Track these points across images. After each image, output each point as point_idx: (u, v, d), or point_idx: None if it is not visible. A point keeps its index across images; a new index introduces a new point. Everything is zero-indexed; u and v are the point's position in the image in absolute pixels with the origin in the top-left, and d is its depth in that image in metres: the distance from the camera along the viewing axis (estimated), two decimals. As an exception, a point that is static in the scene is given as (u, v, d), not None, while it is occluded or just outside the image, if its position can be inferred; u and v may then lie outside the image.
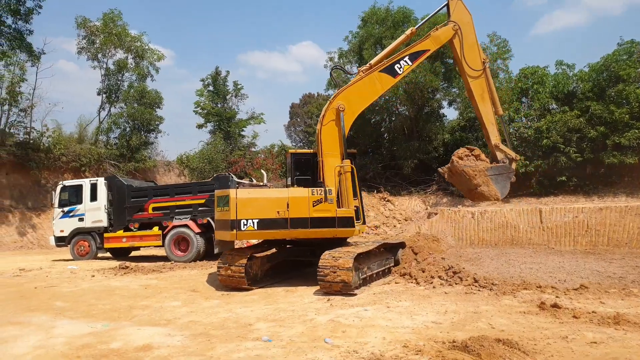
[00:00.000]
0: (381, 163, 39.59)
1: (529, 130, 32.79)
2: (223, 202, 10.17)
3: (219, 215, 10.57)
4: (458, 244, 24.02)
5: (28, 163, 28.31)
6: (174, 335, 6.90)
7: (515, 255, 17.95)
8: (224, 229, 10.24)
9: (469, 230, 25.27)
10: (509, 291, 8.98)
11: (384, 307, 8.09)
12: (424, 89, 34.71)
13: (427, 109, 38.10)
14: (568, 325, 6.69)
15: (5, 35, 26.76)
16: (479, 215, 26.32)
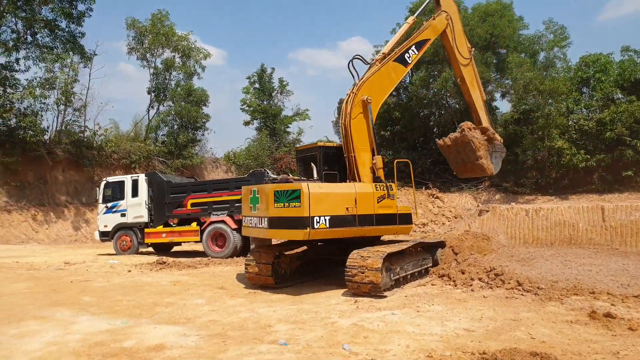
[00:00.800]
0: (430, 158, 38.50)
1: (589, 122, 30.94)
2: (289, 198, 9.23)
3: (280, 212, 9.12)
4: (510, 243, 22.86)
5: (82, 160, 29.28)
6: (189, 335, 6.61)
7: (573, 256, 16.77)
8: (290, 227, 9.04)
9: (523, 229, 24.05)
10: (557, 297, 8.17)
11: (413, 311, 7.50)
12: (474, 81, 33.33)
13: (480, 101, 36.67)
14: (622, 339, 5.89)
15: (59, 38, 27.70)
16: (534, 213, 25.01)
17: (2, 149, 26.08)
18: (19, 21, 26.53)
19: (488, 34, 33.84)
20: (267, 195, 9.29)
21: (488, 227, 25.34)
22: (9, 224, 25.03)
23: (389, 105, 40.36)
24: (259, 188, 9.87)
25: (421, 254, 10.73)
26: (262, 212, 9.53)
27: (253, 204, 9.87)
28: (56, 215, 27.42)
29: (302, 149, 11.59)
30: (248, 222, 10.21)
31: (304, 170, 10.78)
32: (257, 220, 9.71)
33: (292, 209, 8.85)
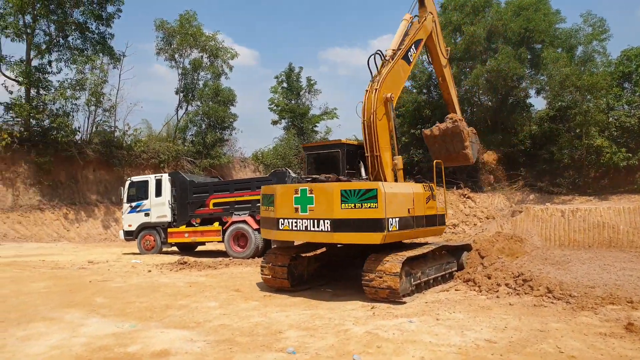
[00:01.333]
0: (462, 157, 37.64)
1: (631, 118, 29.61)
2: (361, 198, 8.54)
3: (349, 214, 8.41)
4: (545, 245, 22.00)
5: (112, 160, 29.69)
6: (196, 341, 6.37)
7: (612, 260, 15.96)
8: (364, 229, 8.34)
9: (559, 230, 23.13)
10: (590, 305, 7.58)
11: (432, 319, 7.06)
12: (507, 77, 32.32)
13: (512, 98, 35.57)
14: (659, 354, 5.36)
15: (89, 40, 28.15)
16: (570, 214, 24.11)
17: (36, 149, 26.63)
18: (51, 24, 27.04)
19: (522, 28, 32.80)
20: (330, 195, 8.56)
21: (521, 228, 24.49)
22: (41, 222, 25.52)
23: (419, 104, 39.71)
24: (313, 187, 8.85)
25: (445, 257, 10.25)
26: (320, 214, 8.64)
27: (300, 204, 8.87)
28: (87, 214, 27.84)
29: (314, 145, 11.23)
30: (289, 225, 9.01)
31: (316, 168, 10.32)
32: (310, 222, 8.75)
33: (367, 210, 8.24)
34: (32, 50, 26.49)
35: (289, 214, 9.02)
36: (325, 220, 8.56)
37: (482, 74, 33.38)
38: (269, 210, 9.51)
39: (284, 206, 9.08)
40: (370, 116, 10.11)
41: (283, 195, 9.15)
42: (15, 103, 25.81)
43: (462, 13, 35.64)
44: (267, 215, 9.61)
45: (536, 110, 37.04)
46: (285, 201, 9.08)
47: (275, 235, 9.31)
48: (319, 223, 8.64)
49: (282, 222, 9.10)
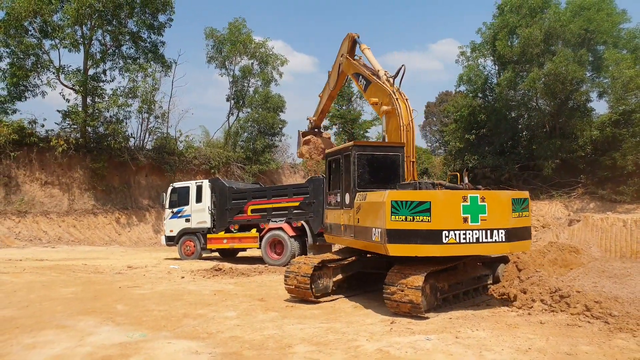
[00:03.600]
0: (518, 163, 36.21)
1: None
2: (522, 207, 8.62)
3: (516, 223, 8.32)
4: (604, 257, 20.70)
5: (163, 166, 30.49)
6: (201, 353, 6.20)
7: None
8: (523, 238, 8.54)
9: (620, 241, 21.74)
10: (631, 327, 6.88)
11: (451, 337, 6.59)
12: (566, 81, 30.80)
13: (572, 102, 33.87)
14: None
15: (141, 48, 29.14)
16: (633, 224, 22.56)
17: (91, 155, 27.77)
18: (106, 34, 28.18)
19: (582, 29, 31.22)
20: (504, 203, 8.27)
21: (579, 238, 23.21)
22: (94, 226, 26.50)
23: (474, 108, 38.65)
24: (485, 194, 8.21)
25: (479, 270, 9.67)
26: (493, 224, 8.10)
27: (469, 213, 8.00)
28: (138, 218, 28.69)
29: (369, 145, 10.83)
30: (456, 237, 7.88)
31: (370, 171, 9.54)
32: (482, 233, 8.03)
33: (524, 218, 8.68)
34: (88, 60, 27.64)
35: (452, 226, 7.92)
36: (499, 230, 8.15)
37: (539, 78, 32.02)
38: (417, 220, 7.88)
39: (447, 217, 7.93)
40: (409, 122, 9.99)
41: (446, 203, 8.01)
42: (72, 111, 27.01)
43: (518, 15, 34.40)
44: (416, 226, 7.88)
45: (598, 114, 35.18)
46: (448, 211, 7.97)
47: (437, 251, 7.93)
48: (492, 233, 8.12)
49: (443, 236, 7.86)
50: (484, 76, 39.00)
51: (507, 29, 34.71)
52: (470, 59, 39.67)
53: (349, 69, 13.52)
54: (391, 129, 10.45)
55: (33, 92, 27.51)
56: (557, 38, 32.40)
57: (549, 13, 32.62)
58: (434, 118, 64.59)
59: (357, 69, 12.81)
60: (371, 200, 8.43)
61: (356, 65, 13.00)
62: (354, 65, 13.15)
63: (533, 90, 33.72)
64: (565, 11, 32.88)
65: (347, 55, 13.64)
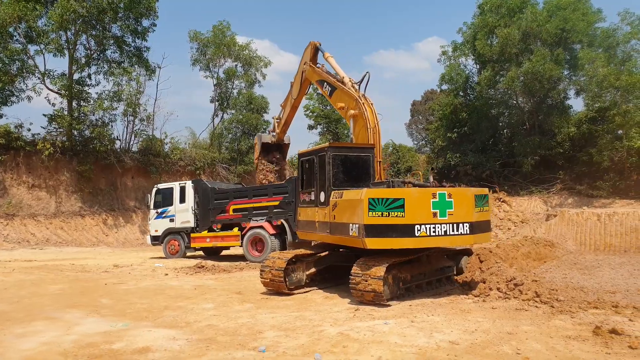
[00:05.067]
0: (499, 160, 37.05)
1: (674, 120, 28.45)
2: (483, 202, 9.40)
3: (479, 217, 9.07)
4: (579, 250, 21.48)
5: (149, 167, 30.91)
6: (178, 339, 6.76)
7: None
8: (484, 230, 9.50)
9: (594, 235, 22.50)
10: (573, 309, 7.55)
11: (407, 321, 7.22)
12: (543, 79, 31.64)
13: (550, 100, 34.75)
14: (614, 357, 5.37)
15: (125, 53, 29.55)
16: (606, 218, 23.35)
17: (77, 158, 28.14)
18: (91, 39, 28.53)
19: (558, 29, 32.08)
20: (468, 199, 9.00)
21: (555, 232, 23.95)
22: (82, 228, 26.89)
23: (455, 107, 39.41)
24: (451, 191, 8.87)
25: (443, 261, 10.32)
26: (459, 218, 8.79)
27: (439, 208, 8.68)
28: (125, 219, 29.12)
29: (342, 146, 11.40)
30: (426, 231, 8.55)
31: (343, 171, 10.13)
32: (449, 226, 8.71)
33: (485, 213, 9.40)
34: (73, 64, 27.99)
35: (424, 220, 8.58)
36: (463, 224, 8.85)
37: (517, 77, 32.85)
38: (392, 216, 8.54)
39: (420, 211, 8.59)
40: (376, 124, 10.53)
41: (419, 201, 8.67)
42: (58, 115, 27.35)
43: (497, 15, 35.22)
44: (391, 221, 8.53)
45: (576, 112, 36.10)
46: (421, 206, 8.63)
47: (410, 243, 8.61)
48: (458, 227, 8.81)
49: (416, 229, 8.52)
50: (465, 75, 39.79)
51: (486, 29, 35.50)
52: (451, 58, 40.47)
53: (313, 76, 14.03)
54: (357, 132, 11.07)
55: (19, 96, 27.86)
56: (534, 37, 33.25)
57: (527, 13, 33.43)
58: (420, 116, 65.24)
59: (322, 76, 13.35)
60: (348, 198, 9.06)
61: (320, 72, 13.54)
62: (318, 72, 13.67)
63: (512, 88, 34.52)
64: (542, 11, 33.73)
65: (310, 63, 14.14)
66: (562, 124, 33.67)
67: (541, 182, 34.27)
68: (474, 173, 36.94)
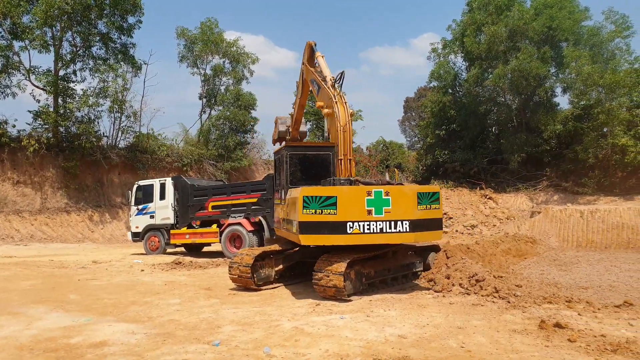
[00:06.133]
0: (487, 157, 37.19)
1: (656, 116, 28.69)
2: (431, 200, 9.32)
3: (422, 214, 9.08)
4: (561, 246, 21.78)
5: (136, 164, 30.92)
6: (137, 334, 6.87)
7: (622, 261, 15.94)
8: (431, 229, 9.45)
9: (576, 231, 22.84)
10: (528, 304, 7.72)
11: (363, 316, 7.36)
12: (530, 77, 31.80)
13: (536, 98, 34.91)
14: (549, 350, 5.53)
15: (111, 49, 29.51)
16: (589, 215, 23.67)
17: (63, 154, 28.11)
18: (76, 36, 28.47)
19: (545, 27, 32.24)
20: (408, 197, 9.01)
21: (539, 229, 24.24)
22: (67, 224, 26.90)
23: (444, 104, 39.52)
24: (389, 189, 8.99)
25: (409, 257, 10.46)
26: (398, 215, 8.86)
27: (374, 206, 8.82)
28: (111, 216, 29.13)
29: (300, 146, 11.65)
30: (360, 228, 8.74)
31: (301, 170, 10.60)
32: (385, 224, 8.82)
33: (434, 211, 9.20)
34: (58, 60, 27.94)
35: (357, 217, 8.78)
36: (402, 221, 8.87)
37: (504, 74, 32.99)
38: (325, 213, 8.79)
39: (352, 209, 8.79)
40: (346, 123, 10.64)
41: (351, 199, 8.88)
42: (43, 111, 27.30)
43: (486, 12, 35.34)
44: (324, 219, 8.78)
45: (563, 109, 36.26)
46: (353, 204, 8.83)
47: (342, 240, 8.82)
48: (396, 224, 8.86)
49: (348, 226, 8.74)
50: (453, 72, 39.90)
51: (474, 26, 35.60)
52: (441, 55, 40.57)
53: (308, 76, 14.24)
54: (331, 129, 11.19)
55: (4, 93, 27.78)
56: (521, 35, 33.38)
57: (514, 11, 33.55)
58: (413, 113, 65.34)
59: (312, 75, 13.54)
60: (291, 196, 9.42)
61: (312, 72, 13.70)
62: (310, 72, 13.85)
63: (499, 86, 34.65)
64: (529, 9, 33.88)
65: (306, 63, 14.32)
66: (548, 121, 33.79)
67: (528, 179, 34.43)
68: (462, 170, 37.09)
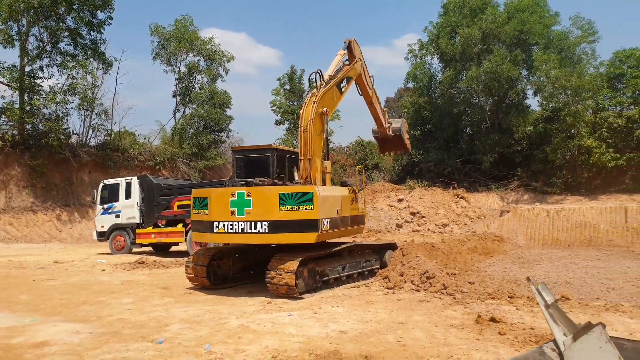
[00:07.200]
0: (460, 157, 37.69)
1: (619, 119, 29.40)
2: (298, 200, 9.09)
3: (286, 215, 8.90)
4: (528, 244, 22.23)
5: (107, 162, 30.55)
6: (82, 333, 6.85)
7: (582, 258, 16.32)
8: (300, 230, 8.93)
9: (543, 230, 23.36)
10: (473, 300, 7.91)
11: (310, 313, 7.46)
12: (502, 79, 32.33)
13: (508, 99, 35.52)
14: (479, 343, 5.70)
15: (80, 45, 29.06)
16: (555, 214, 24.25)
17: (30, 152, 27.64)
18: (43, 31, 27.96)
19: (517, 31, 32.85)
20: (268, 198, 8.98)
21: (508, 227, 24.69)
22: (33, 224, 26.46)
23: (419, 105, 39.92)
24: (250, 190, 9.17)
25: (366, 255, 10.60)
26: (257, 216, 8.95)
27: (236, 207, 9.14)
28: (80, 215, 28.73)
29: (244, 149, 11.75)
30: (224, 228, 9.21)
31: (245, 172, 10.85)
32: (247, 224, 9.03)
33: (303, 211, 8.79)
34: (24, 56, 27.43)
35: (220, 217, 9.22)
36: (261, 222, 8.91)
37: (477, 76, 33.45)
38: (201, 213, 9.68)
39: (216, 210, 9.28)
40: (307, 124, 10.71)
41: (217, 200, 9.35)
42: (7, 108, 26.78)
43: (460, 14, 35.79)
44: (200, 218, 9.73)
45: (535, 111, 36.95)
46: (217, 205, 9.30)
47: (210, 238, 9.73)
48: (256, 225, 8.95)
49: (215, 226, 9.28)
50: (429, 74, 40.31)
51: (449, 28, 36.05)
52: (417, 56, 40.93)
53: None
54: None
55: (-33, 88, 27.18)
56: (493, 38, 33.91)
57: (487, 14, 34.07)
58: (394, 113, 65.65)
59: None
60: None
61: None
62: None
63: (473, 87, 35.13)
64: (502, 13, 34.46)
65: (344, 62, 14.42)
66: (520, 122, 34.40)
67: (500, 179, 34.98)
68: (437, 169, 37.54)
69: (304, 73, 43.99)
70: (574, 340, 2.60)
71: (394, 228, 28.23)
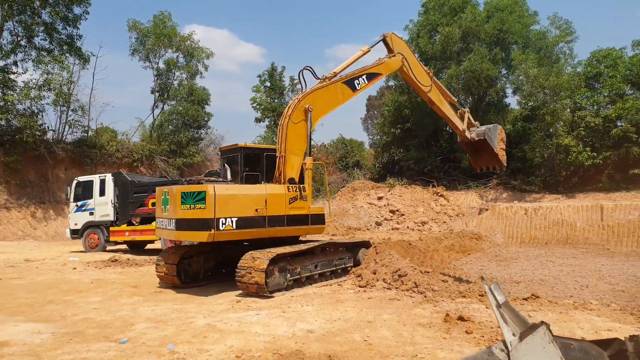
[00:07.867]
0: (440, 156, 37.85)
1: (596, 118, 29.76)
2: (195, 199, 9.19)
3: (186, 214, 9.07)
4: (506, 242, 22.46)
5: (84, 159, 30.06)
6: (44, 333, 6.69)
7: (558, 256, 16.52)
8: (195, 228, 9.02)
9: (521, 228, 23.60)
10: (443, 298, 7.89)
11: (278, 312, 7.37)
12: (481, 78, 32.52)
13: (488, 98, 35.76)
14: (445, 342, 5.67)
15: (56, 40, 28.51)
16: (532, 212, 24.48)
17: (3, 148, 27.05)
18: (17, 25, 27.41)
19: (496, 30, 33.07)
20: (175, 196, 9.17)
21: (486, 225, 24.89)
22: (7, 221, 25.93)
23: (400, 104, 39.98)
24: (169, 189, 9.63)
25: (339, 254, 10.53)
26: (171, 214, 9.36)
27: (164, 205, 9.69)
28: (56, 212, 28.22)
29: (225, 149, 11.62)
30: (160, 224, 9.96)
31: (231, 171, 10.81)
32: (167, 221, 9.53)
33: (197, 210, 8.78)
34: (-3, 50, 26.88)
35: (159, 214, 10.01)
36: (172, 219, 9.31)
37: (457, 75, 33.61)
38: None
39: (158, 207, 10.05)
40: (285, 119, 10.58)
41: (158, 198, 10.09)
42: (-21, 103, 26.24)
43: (440, 13, 35.91)
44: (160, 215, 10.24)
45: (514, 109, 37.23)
46: (158, 203, 10.00)
47: (156, 233, 10.56)
48: (170, 222, 9.41)
49: (157, 222, 10.23)
50: (409, 73, 40.38)
51: (430, 27, 36.16)
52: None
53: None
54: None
55: (-62, 83, 26.47)
56: (473, 37, 34.11)
57: (467, 13, 34.25)
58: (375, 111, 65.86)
59: None
60: None
61: None
62: None
63: (452, 86, 35.28)
64: (482, 12, 34.68)
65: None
66: (499, 121, 34.65)
67: (479, 177, 35.15)
68: (417, 167, 37.67)
69: (284, 70, 43.86)
70: (520, 340, 2.56)
71: (373, 226, 28.26)
